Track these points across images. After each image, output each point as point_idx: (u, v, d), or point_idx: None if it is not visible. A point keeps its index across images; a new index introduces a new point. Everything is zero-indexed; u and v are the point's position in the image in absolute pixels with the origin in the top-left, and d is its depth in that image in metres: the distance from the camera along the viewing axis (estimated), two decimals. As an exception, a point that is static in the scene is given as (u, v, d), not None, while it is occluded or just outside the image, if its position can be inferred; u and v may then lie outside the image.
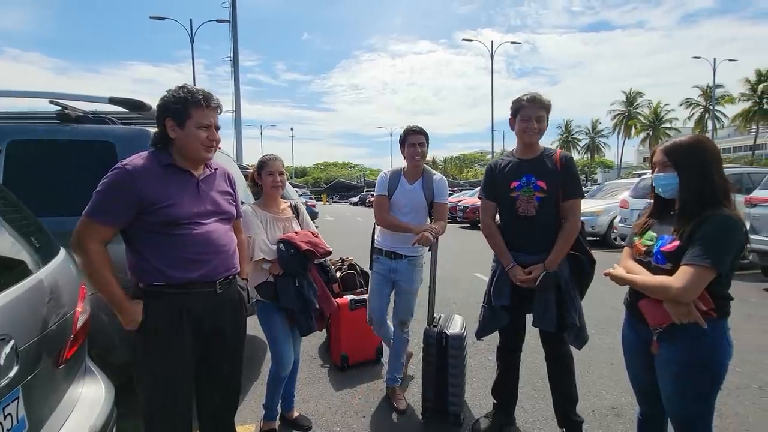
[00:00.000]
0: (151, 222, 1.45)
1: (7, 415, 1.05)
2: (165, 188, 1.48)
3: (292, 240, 2.12)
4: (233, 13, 17.89)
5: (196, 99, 1.49)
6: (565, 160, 2.05)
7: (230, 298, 1.67)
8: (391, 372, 2.64)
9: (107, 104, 2.52)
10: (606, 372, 3.01)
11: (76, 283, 1.55)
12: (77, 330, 1.45)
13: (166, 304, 1.49)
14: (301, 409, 2.53)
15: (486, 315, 2.22)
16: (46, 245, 1.46)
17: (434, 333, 2.34)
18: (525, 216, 2.06)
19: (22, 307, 1.15)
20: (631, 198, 7.86)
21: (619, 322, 1.95)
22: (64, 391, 1.40)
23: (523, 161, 2.10)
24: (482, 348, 3.47)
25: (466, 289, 5.61)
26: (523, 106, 2.04)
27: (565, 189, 2.02)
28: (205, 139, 1.52)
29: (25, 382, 1.12)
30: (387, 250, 2.53)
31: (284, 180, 2.24)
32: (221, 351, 1.67)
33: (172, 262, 1.48)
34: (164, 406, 1.54)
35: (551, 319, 2.01)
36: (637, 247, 1.53)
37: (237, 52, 17.92)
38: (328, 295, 2.29)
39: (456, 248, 9.33)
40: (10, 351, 1.02)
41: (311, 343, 3.61)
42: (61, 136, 2.38)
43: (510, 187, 2.08)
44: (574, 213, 2.04)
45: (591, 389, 2.75)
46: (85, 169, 2.35)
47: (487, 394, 2.68)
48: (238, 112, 17.79)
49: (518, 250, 2.09)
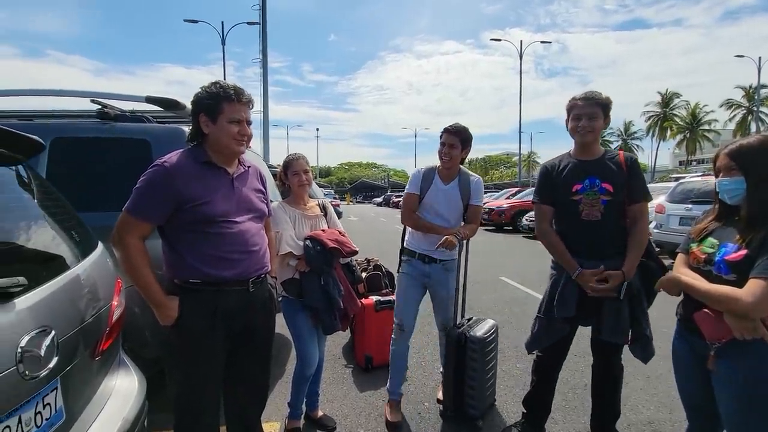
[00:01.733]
0: (187, 219, 1.47)
1: (46, 405, 1.08)
2: (201, 186, 1.49)
3: (319, 237, 2.11)
4: (263, 16, 18.26)
5: (227, 93, 1.50)
6: (630, 162, 1.94)
7: (261, 297, 1.67)
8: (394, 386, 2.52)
9: (144, 103, 2.59)
10: (642, 385, 2.86)
11: (112, 276, 1.58)
12: (113, 323, 1.48)
13: (200, 302, 1.50)
14: (326, 409, 2.52)
15: (543, 326, 2.04)
16: (85, 240, 1.50)
17: (455, 333, 2.29)
18: (589, 221, 1.91)
19: (62, 299, 1.17)
20: (668, 203, 7.49)
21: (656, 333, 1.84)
22: (99, 383, 1.43)
23: (584, 162, 1.96)
24: (509, 355, 3.37)
25: (492, 292, 5.49)
26: (575, 104, 1.94)
27: (631, 192, 1.90)
28: (236, 134, 1.52)
29: (64, 373, 1.14)
30: (420, 252, 2.38)
31: (310, 178, 2.24)
32: (250, 350, 1.67)
33: (208, 260, 1.49)
34: (194, 402, 1.56)
35: (624, 332, 1.87)
36: (696, 254, 1.42)
37: (266, 53, 18.27)
38: (353, 295, 2.27)
39: (481, 251, 9.17)
40: (51, 342, 1.04)
41: (335, 343, 3.60)
42: (101, 134, 2.46)
43: (572, 190, 1.93)
44: (643, 216, 1.91)
45: (626, 403, 2.61)
46: (122, 166, 2.42)
47: (515, 402, 2.60)
48: (266, 112, 18.14)
49: (581, 256, 1.92)
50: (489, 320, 2.45)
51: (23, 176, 1.40)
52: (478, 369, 2.26)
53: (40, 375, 1.00)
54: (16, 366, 0.93)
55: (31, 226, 1.29)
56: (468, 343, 2.24)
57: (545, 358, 2.16)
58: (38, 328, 1.01)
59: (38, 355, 0.99)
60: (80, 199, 2.21)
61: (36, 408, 1.04)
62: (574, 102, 1.95)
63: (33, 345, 0.98)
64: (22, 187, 1.39)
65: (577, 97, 1.95)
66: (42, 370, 1.01)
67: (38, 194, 1.43)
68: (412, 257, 2.42)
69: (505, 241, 11.06)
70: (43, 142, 1.42)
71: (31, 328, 0.99)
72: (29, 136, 1.36)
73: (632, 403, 2.63)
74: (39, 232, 1.30)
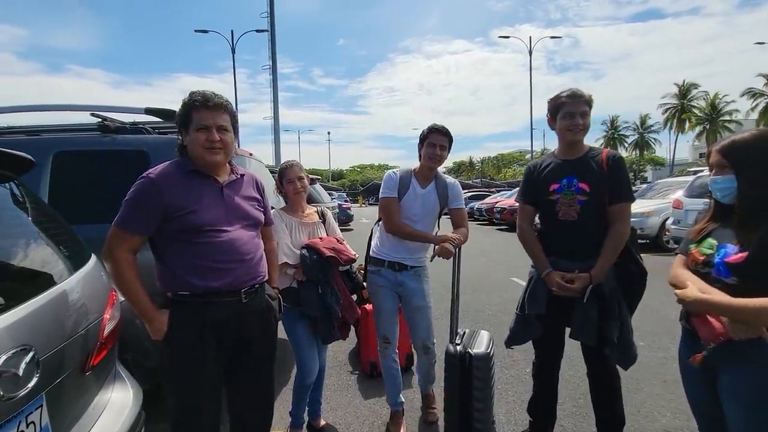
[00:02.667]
0: (174, 229, 1.45)
1: (30, 423, 1.07)
2: (187, 195, 1.47)
3: (316, 246, 2.09)
4: (271, 23, 18.46)
5: (194, 101, 1.48)
6: (612, 161, 1.87)
7: (257, 308, 1.63)
8: (424, 382, 2.48)
9: (143, 114, 2.62)
10: (658, 390, 2.75)
11: (105, 289, 1.58)
12: (105, 336, 1.48)
13: (189, 314, 1.48)
14: (329, 418, 2.49)
15: (518, 323, 2.06)
16: (76, 253, 1.50)
17: (457, 352, 2.04)
18: (565, 220, 1.90)
19: (45, 316, 1.17)
20: (686, 198, 7.24)
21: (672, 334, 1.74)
22: (92, 397, 1.42)
23: (565, 162, 1.94)
24: (518, 359, 3.29)
25: (502, 294, 5.39)
26: (564, 102, 1.89)
27: (612, 192, 1.85)
28: (204, 141, 1.47)
29: (49, 389, 1.14)
30: (390, 260, 2.25)
31: (305, 184, 2.22)
32: (249, 362, 1.64)
33: (193, 270, 1.46)
34: (188, 415, 1.54)
35: (592, 332, 1.82)
36: (694, 256, 1.35)
37: (275, 60, 18.46)
38: (352, 304, 2.24)
39: (493, 251, 9.05)
40: (30, 361, 1.03)
41: (341, 349, 3.58)
42: (101, 147, 2.50)
43: (549, 190, 1.93)
44: (622, 218, 1.85)
45: (641, 409, 2.51)
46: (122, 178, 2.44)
47: (524, 410, 2.52)
48: (277, 117, 18.32)
49: (558, 256, 1.93)
50: (483, 332, 2.21)
51: (15, 193, 1.41)
52: (484, 389, 2.03)
53: (18, 395, 0.99)
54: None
55: (19, 243, 1.30)
56: (473, 362, 2.00)
57: (540, 361, 2.14)
58: (17, 347, 1.01)
59: (16, 374, 0.98)
60: (82, 211, 2.25)
61: (18, 427, 1.03)
62: (562, 100, 1.90)
63: (10, 365, 0.97)
64: (14, 204, 1.41)
65: (563, 95, 1.90)
66: (21, 390, 1.00)
67: (29, 211, 1.44)
68: (380, 266, 2.28)
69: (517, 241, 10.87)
70: (32, 159, 1.43)
71: (8, 347, 0.99)
72: (19, 154, 1.37)
73: (647, 409, 2.52)
74: (26, 249, 1.31)
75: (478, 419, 1.99)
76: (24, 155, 1.37)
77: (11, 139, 2.57)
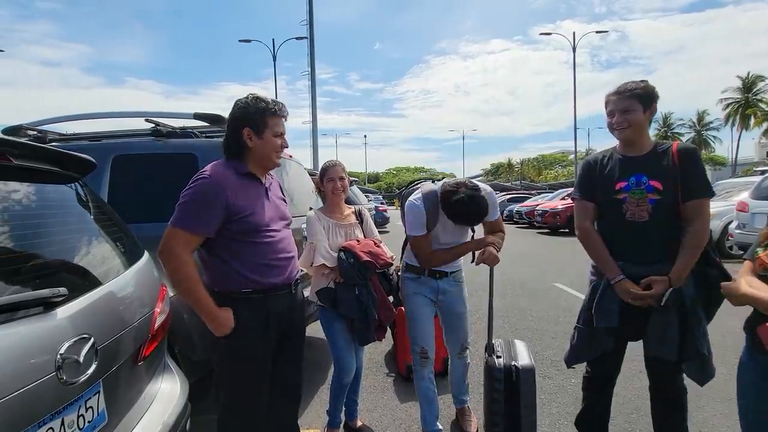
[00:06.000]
0: (236, 230, 1.51)
1: (88, 408, 1.14)
2: (246, 197, 1.54)
3: (353, 249, 2.09)
4: (310, 30, 18.99)
5: (272, 109, 1.57)
6: (684, 153, 1.71)
7: (300, 298, 1.78)
8: (458, 394, 2.41)
9: (192, 119, 2.76)
10: (722, 408, 2.51)
11: (156, 284, 1.67)
12: (155, 329, 1.55)
13: (253, 311, 1.55)
14: (366, 419, 2.49)
15: (582, 338, 1.86)
16: (130, 250, 1.59)
17: (501, 366, 1.91)
18: (635, 221, 1.73)
19: (103, 308, 1.24)
20: (752, 200, 6.63)
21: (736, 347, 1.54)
22: (143, 387, 1.50)
23: (630, 158, 1.78)
24: (562, 369, 3.12)
25: (545, 299, 5.17)
26: (608, 100, 1.79)
27: (686, 188, 1.68)
28: (279, 147, 1.61)
29: (106, 377, 1.21)
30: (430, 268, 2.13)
31: (345, 185, 2.23)
32: (288, 349, 1.73)
33: (257, 268, 1.55)
34: (245, 407, 1.61)
35: (673, 345, 1.65)
36: (762, 260, 1.26)
37: (314, 66, 18.98)
38: (389, 305, 2.22)
39: (534, 255, 8.73)
40: (90, 349, 1.09)
41: (378, 350, 3.57)
42: (155, 150, 2.66)
43: (616, 189, 1.77)
44: (701, 215, 1.68)
45: (703, 429, 2.31)
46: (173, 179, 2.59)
47: (569, 421, 2.39)
48: (315, 122, 18.80)
49: (626, 260, 1.74)
50: (518, 341, 2.08)
51: (78, 193, 1.52)
52: (530, 401, 1.91)
53: (79, 380, 1.06)
54: (56, 372, 0.99)
55: (81, 239, 1.39)
56: (521, 375, 1.88)
57: (595, 375, 1.96)
58: (78, 336, 1.07)
59: (77, 360, 1.04)
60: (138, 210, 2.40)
61: (78, 411, 1.10)
62: (608, 98, 1.79)
63: (72, 352, 1.04)
64: (77, 203, 1.51)
65: (611, 92, 1.79)
66: (81, 376, 1.06)
67: (91, 210, 1.54)
68: (420, 273, 2.15)
69: (560, 245, 10.44)
70: (94, 161, 1.53)
71: (71, 335, 1.06)
72: (82, 156, 1.47)
73: (710, 429, 2.31)
74: (88, 245, 1.39)
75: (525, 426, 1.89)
76: (87, 157, 1.47)
77: (75, 144, 2.79)
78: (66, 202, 1.46)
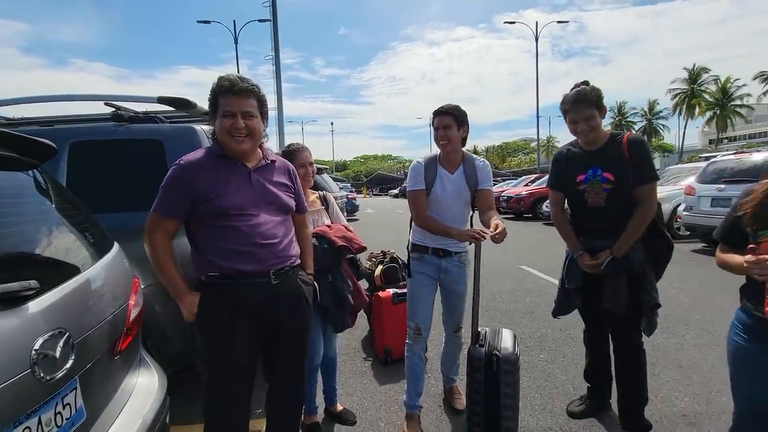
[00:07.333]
0: (202, 214, 1.48)
1: (66, 405, 1.09)
2: (214, 180, 1.49)
3: (326, 235, 2.07)
4: (273, 12, 18.30)
5: (221, 86, 1.48)
6: (632, 145, 1.98)
7: (288, 292, 1.62)
8: (448, 373, 2.51)
9: (156, 104, 2.61)
10: (674, 375, 2.75)
11: (128, 276, 1.60)
12: (131, 322, 1.50)
13: (219, 295, 1.51)
14: (345, 403, 2.52)
15: (560, 296, 2.28)
16: (99, 241, 1.51)
17: (482, 354, 1.89)
18: (595, 206, 2.07)
19: (76, 301, 1.18)
20: (698, 183, 7.14)
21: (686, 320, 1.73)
22: (120, 381, 1.45)
23: (588, 152, 2.08)
24: (531, 346, 3.30)
25: (512, 281, 5.38)
26: (567, 110, 2.02)
27: (636, 175, 1.96)
28: (228, 128, 1.47)
29: (82, 372, 1.15)
30: (434, 247, 2.18)
31: (314, 170, 2.17)
32: (280, 348, 1.64)
33: (221, 252, 1.49)
34: (219, 394, 1.55)
35: (620, 301, 1.97)
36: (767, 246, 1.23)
37: (278, 50, 18.34)
38: (360, 290, 2.25)
39: (500, 240, 9.02)
40: (65, 343, 1.04)
41: (354, 336, 3.61)
42: (116, 136, 2.50)
43: (577, 180, 2.09)
44: (648, 198, 1.98)
45: (658, 394, 2.51)
46: (137, 167, 2.46)
47: (541, 395, 2.55)
48: (280, 108, 18.29)
49: (588, 235, 2.12)
50: (506, 330, 2.04)
51: (38, 181, 1.42)
52: (512, 391, 1.89)
53: (56, 376, 1.01)
54: (31, 368, 0.94)
55: (45, 230, 1.30)
56: (502, 364, 1.87)
57: (590, 328, 2.35)
58: (52, 330, 1.02)
59: (53, 356, 0.99)
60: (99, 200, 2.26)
61: (56, 408, 1.05)
62: (566, 107, 2.02)
63: (47, 347, 0.99)
64: (38, 192, 1.41)
65: (567, 101, 2.01)
66: (58, 372, 1.01)
67: (53, 198, 1.44)
68: (424, 253, 2.21)
69: (525, 229, 10.84)
70: (55, 146, 1.43)
71: (44, 330, 1.00)
72: (42, 141, 1.37)
73: (664, 394, 2.52)
74: (53, 236, 1.31)
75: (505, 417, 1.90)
76: (48, 143, 1.38)
77: (25, 129, 2.57)
78: (25, 191, 1.36)
